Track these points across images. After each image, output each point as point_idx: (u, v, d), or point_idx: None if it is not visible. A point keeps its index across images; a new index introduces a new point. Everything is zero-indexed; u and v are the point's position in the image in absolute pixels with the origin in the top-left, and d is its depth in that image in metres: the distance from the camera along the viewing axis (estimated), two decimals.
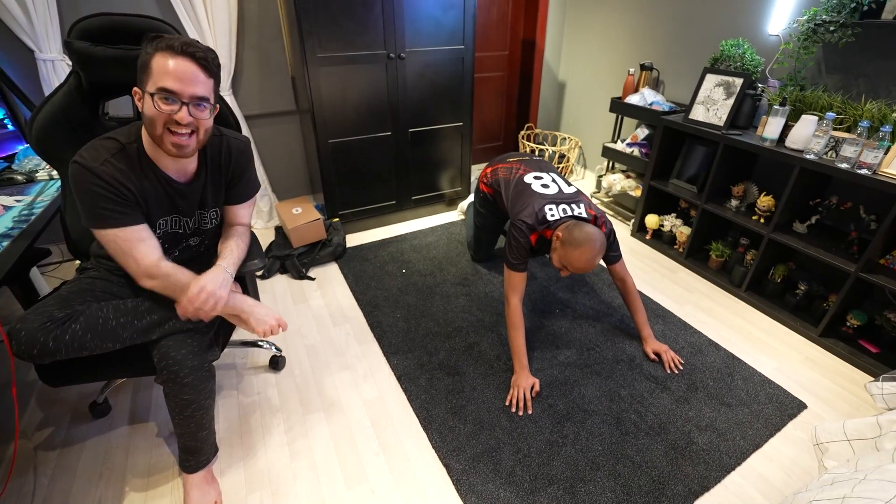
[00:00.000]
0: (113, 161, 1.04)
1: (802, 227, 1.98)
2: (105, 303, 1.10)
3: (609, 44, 3.02)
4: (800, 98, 1.91)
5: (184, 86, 0.99)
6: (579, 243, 1.50)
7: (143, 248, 1.07)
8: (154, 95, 0.98)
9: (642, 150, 2.68)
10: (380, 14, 2.18)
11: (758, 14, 2.17)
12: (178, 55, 0.98)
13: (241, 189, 1.29)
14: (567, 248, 1.53)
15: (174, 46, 0.97)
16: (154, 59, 0.97)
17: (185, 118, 1.01)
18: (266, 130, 2.67)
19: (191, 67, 0.99)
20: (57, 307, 1.04)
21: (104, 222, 1.03)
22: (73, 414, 1.53)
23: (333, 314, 2.05)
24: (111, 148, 1.05)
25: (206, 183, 1.21)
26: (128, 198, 1.05)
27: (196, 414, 1.18)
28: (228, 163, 1.23)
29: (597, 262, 1.54)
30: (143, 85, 0.99)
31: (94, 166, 1.01)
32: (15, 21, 1.89)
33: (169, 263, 1.11)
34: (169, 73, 0.97)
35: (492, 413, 1.56)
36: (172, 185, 1.14)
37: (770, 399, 1.62)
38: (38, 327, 0.99)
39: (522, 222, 1.64)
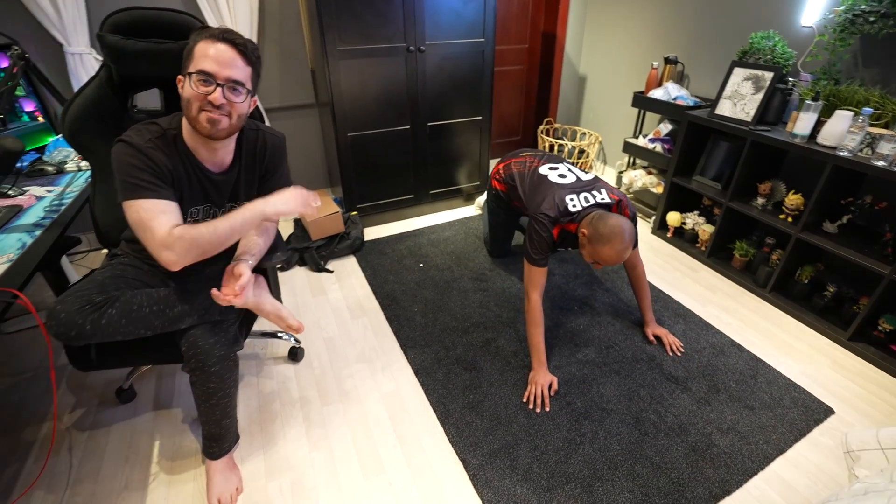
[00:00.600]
0: (155, 141, 1.08)
1: (833, 227, 1.91)
2: (139, 290, 1.13)
3: (632, 36, 2.96)
4: (834, 92, 1.84)
5: (220, 68, 1.02)
6: (607, 238, 1.46)
7: (163, 219, 1.03)
8: (192, 75, 1.02)
9: (665, 146, 2.62)
10: (400, 6, 2.17)
11: (790, 4, 2.09)
12: (218, 41, 1.03)
13: (274, 184, 1.30)
14: (596, 245, 1.50)
15: (216, 34, 1.03)
16: (197, 46, 1.03)
17: (219, 99, 1.03)
18: (286, 123, 2.69)
19: (229, 52, 1.03)
20: (95, 292, 1.07)
21: (135, 192, 1.03)
22: (101, 398, 1.57)
23: (351, 307, 2.06)
24: (154, 131, 1.10)
25: (240, 175, 1.23)
26: (164, 175, 1.07)
27: (221, 402, 1.21)
28: (263, 157, 1.25)
29: (629, 252, 1.50)
30: (185, 70, 1.04)
31: (139, 142, 1.05)
32: (45, 15, 1.94)
33: (181, 227, 1.03)
34: (208, 56, 1.02)
35: (509, 409, 1.56)
36: (207, 174, 1.16)
37: (795, 403, 1.58)
38: (77, 310, 1.01)
39: (544, 215, 1.61)
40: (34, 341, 1.81)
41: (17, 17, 1.95)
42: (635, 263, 1.80)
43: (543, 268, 1.64)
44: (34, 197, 1.39)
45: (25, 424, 1.47)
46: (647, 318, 1.87)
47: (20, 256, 1.09)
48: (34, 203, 1.35)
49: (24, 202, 1.34)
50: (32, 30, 1.98)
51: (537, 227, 1.61)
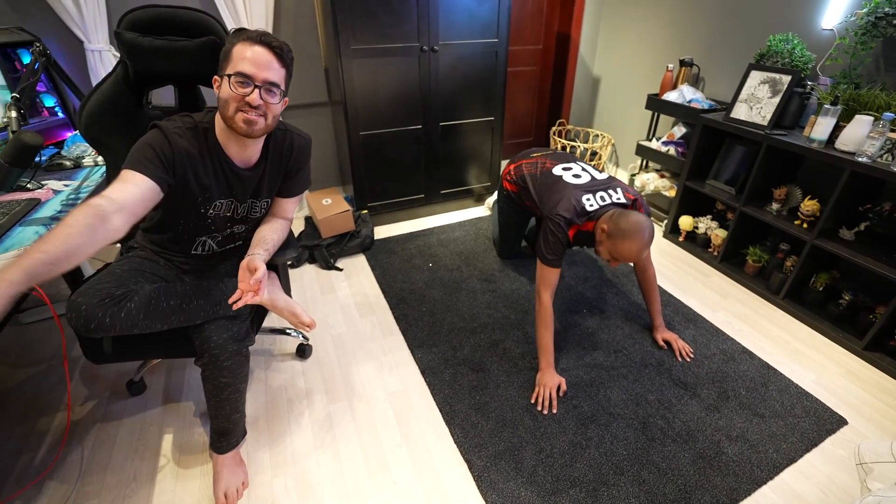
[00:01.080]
0: (186, 132, 1.12)
1: (850, 234, 1.88)
2: (157, 285, 1.14)
3: (647, 38, 2.93)
4: (854, 97, 1.80)
5: (258, 70, 1.05)
6: (628, 234, 1.45)
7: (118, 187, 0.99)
8: (231, 77, 1.04)
9: (678, 150, 2.59)
10: (414, 6, 2.17)
11: (810, 7, 2.05)
12: (255, 44, 1.05)
13: (294, 184, 1.33)
14: (615, 241, 1.48)
15: (253, 37, 1.06)
16: (235, 48, 1.05)
17: (256, 100, 1.06)
18: (298, 121, 2.70)
19: (266, 55, 1.06)
20: (114, 285, 1.08)
21: (128, 163, 1.04)
22: (112, 390, 1.60)
23: (360, 305, 2.07)
24: (187, 122, 1.15)
25: (265, 173, 1.25)
26: (168, 161, 1.08)
27: (232, 397, 1.22)
28: (289, 157, 1.27)
29: (648, 249, 1.48)
30: (222, 71, 1.07)
31: (168, 129, 1.10)
32: (66, 13, 1.97)
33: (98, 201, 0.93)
34: (246, 58, 1.04)
35: (515, 411, 1.55)
36: (234, 169, 1.18)
37: (807, 412, 1.56)
38: (97, 303, 1.03)
39: (560, 216, 1.59)
40: (48, 333, 1.85)
41: (39, 13, 1.98)
42: (646, 266, 1.78)
43: (557, 269, 1.63)
44: (52, 191, 1.41)
45: (39, 415, 1.50)
46: (657, 323, 1.85)
47: None
48: (52, 197, 1.38)
49: (42, 195, 1.36)
50: (54, 26, 2.02)
51: (552, 227, 1.60)
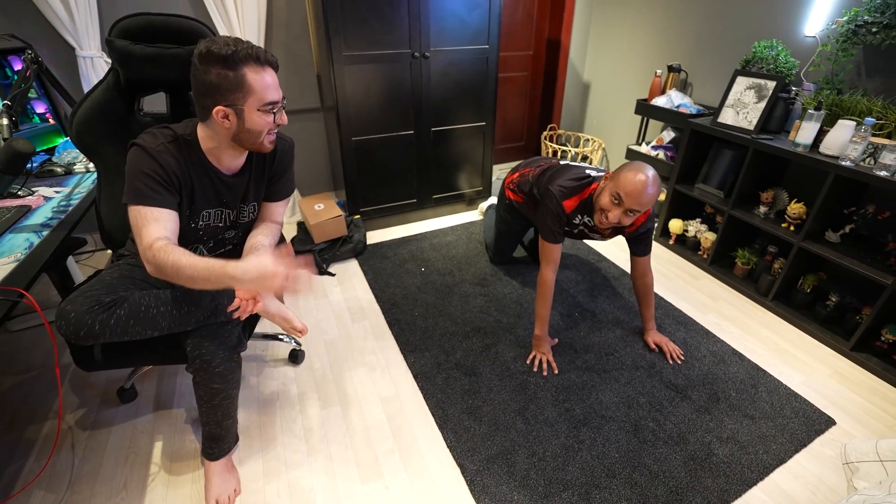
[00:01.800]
0: (168, 146, 1.10)
1: (835, 237, 1.91)
2: (147, 291, 1.14)
3: (636, 44, 2.97)
4: (836, 102, 1.84)
5: (279, 93, 1.09)
6: (633, 168, 1.46)
7: (152, 227, 1.03)
8: (260, 110, 1.05)
9: (667, 154, 2.62)
10: (406, 13, 2.19)
11: (793, 15, 2.10)
12: (265, 66, 1.04)
13: (280, 187, 1.33)
14: (619, 173, 1.49)
15: (259, 58, 1.03)
16: (248, 76, 1.02)
17: (286, 119, 1.12)
18: (291, 127, 2.71)
19: (272, 74, 1.07)
20: (104, 292, 1.08)
21: (137, 197, 1.05)
22: (103, 398, 1.58)
23: (352, 310, 2.07)
24: (168, 135, 1.12)
25: (251, 177, 1.25)
26: (169, 181, 1.08)
27: (223, 403, 1.22)
28: (273, 160, 1.27)
29: (650, 195, 1.44)
30: (241, 103, 1.04)
31: (151, 147, 1.07)
32: (58, 19, 1.97)
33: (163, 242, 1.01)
34: (269, 86, 1.05)
35: (507, 415, 1.56)
36: (220, 177, 1.18)
37: (796, 413, 1.58)
38: (87, 310, 1.02)
39: (558, 188, 1.64)
40: (37, 340, 1.83)
41: (30, 20, 1.98)
42: (645, 271, 1.79)
43: (558, 244, 1.68)
44: (42, 197, 1.41)
45: (27, 423, 1.49)
46: (649, 326, 1.87)
47: (27, 256, 1.11)
48: (42, 203, 1.38)
49: (33, 202, 1.36)
50: (45, 33, 2.02)
51: (547, 201, 1.66)
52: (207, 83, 1.01)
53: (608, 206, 1.51)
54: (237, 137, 1.10)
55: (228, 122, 1.06)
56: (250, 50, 1.01)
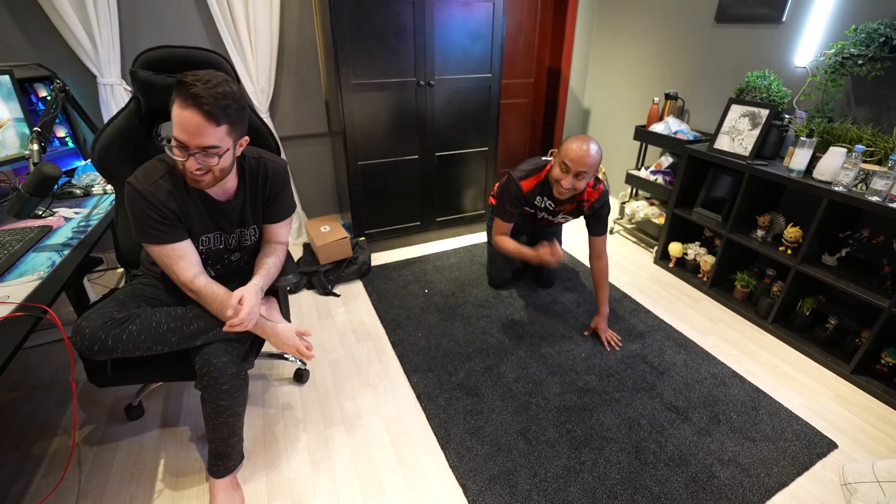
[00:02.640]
0: (161, 182, 1.13)
1: (832, 260, 1.94)
2: (157, 308, 1.19)
3: (634, 73, 3.07)
4: (828, 129, 1.91)
5: (190, 137, 1.02)
6: (573, 138, 1.72)
7: (182, 265, 1.17)
8: (169, 142, 1.06)
9: (666, 178, 2.68)
10: (411, 44, 2.30)
11: (784, 46, 2.19)
12: (186, 106, 1.00)
13: (278, 209, 1.37)
14: (562, 146, 1.75)
15: (185, 95, 1.00)
16: (173, 108, 1.03)
17: (193, 166, 1.06)
18: (299, 151, 2.80)
19: (196, 119, 1.01)
20: (116, 309, 1.13)
21: (150, 238, 1.14)
22: (111, 415, 1.61)
23: (357, 331, 2.10)
24: (160, 170, 1.16)
25: (245, 202, 1.29)
26: (170, 217, 1.14)
27: (230, 420, 1.24)
28: (265, 183, 1.31)
29: (592, 157, 1.69)
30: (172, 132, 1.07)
31: (144, 188, 1.11)
32: (82, 49, 2.08)
33: (203, 280, 1.19)
34: (178, 123, 1.02)
35: (509, 435, 1.57)
36: (214, 203, 1.23)
37: (797, 436, 1.58)
38: (100, 326, 1.07)
39: (517, 171, 1.90)
40: (48, 357, 1.87)
41: (56, 50, 2.09)
42: (600, 253, 1.97)
43: (509, 224, 1.96)
44: (63, 218, 1.47)
45: (36, 439, 1.51)
46: (602, 311, 2.03)
47: (50, 274, 1.16)
48: (63, 224, 1.44)
49: (54, 223, 1.42)
50: (69, 61, 2.12)
51: (506, 184, 1.91)
52: None
53: (559, 174, 1.75)
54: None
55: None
56: (191, 88, 0.99)
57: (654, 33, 2.85)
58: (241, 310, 1.15)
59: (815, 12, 2.04)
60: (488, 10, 2.40)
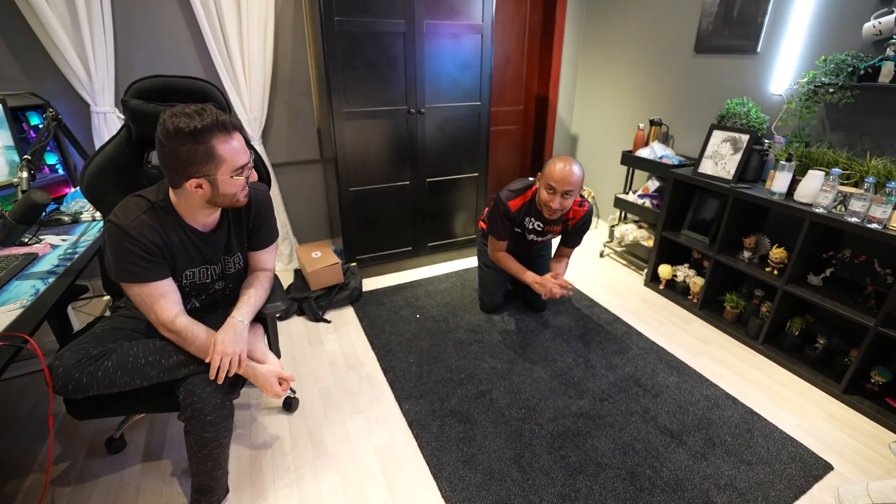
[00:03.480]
0: (143, 217, 1.11)
1: (817, 280, 1.97)
2: (136, 341, 1.16)
3: (619, 100, 3.17)
4: (805, 154, 1.97)
5: (247, 155, 1.14)
6: (555, 160, 1.82)
7: (163, 304, 1.13)
8: (233, 176, 1.10)
9: (653, 202, 2.73)
10: (402, 74, 2.36)
11: (760, 75, 2.28)
12: (232, 132, 1.08)
13: (262, 236, 1.36)
14: (546, 167, 1.84)
15: (225, 126, 1.06)
16: (218, 147, 1.05)
17: (255, 175, 1.22)
18: (291, 177, 2.82)
19: (241, 138, 1.12)
20: (91, 344, 1.11)
21: (131, 277, 1.10)
22: (90, 449, 1.55)
23: (347, 357, 2.07)
24: (142, 205, 1.13)
25: (230, 231, 1.29)
26: (154, 253, 1.11)
27: (214, 452, 1.21)
28: (248, 211, 1.30)
29: (576, 176, 1.79)
30: (213, 172, 1.07)
31: (126, 224, 1.07)
32: (77, 78, 2.10)
33: (184, 321, 1.15)
34: (238, 152, 1.09)
35: (503, 463, 1.53)
36: (198, 235, 1.21)
37: (793, 458, 1.57)
38: (74, 364, 1.05)
39: (505, 191, 1.99)
40: (27, 388, 1.81)
41: (51, 78, 2.11)
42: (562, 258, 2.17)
43: (503, 241, 2.08)
44: (49, 245, 1.45)
45: (10, 476, 1.45)
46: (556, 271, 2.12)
47: (33, 302, 1.14)
48: (49, 251, 1.42)
49: (40, 250, 1.40)
50: (63, 90, 2.15)
51: (496, 204, 2.01)
52: (177, 158, 1.03)
53: (547, 197, 1.82)
54: (212, 201, 1.13)
55: (202, 190, 1.08)
56: (215, 120, 1.03)
57: (638, 63, 2.96)
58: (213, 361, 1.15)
59: (786, 43, 2.14)
60: (477, 42, 2.48)
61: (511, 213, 1.97)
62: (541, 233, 2.06)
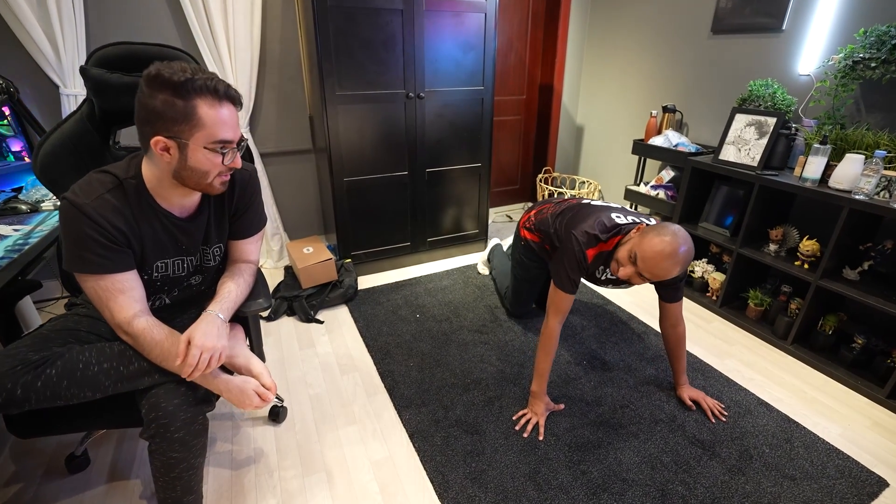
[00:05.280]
0: (107, 197, 0.94)
1: (854, 274, 1.81)
2: (88, 345, 0.98)
3: (628, 87, 3.01)
4: (841, 136, 1.81)
5: (235, 132, 0.97)
6: (662, 233, 1.27)
7: (121, 301, 0.96)
8: (207, 148, 0.93)
9: (668, 193, 2.57)
10: (400, 54, 2.18)
11: (786, 55, 2.12)
12: (223, 100, 0.93)
13: (247, 222, 1.19)
14: (644, 237, 1.30)
15: (217, 90, 0.91)
16: (200, 108, 0.90)
17: (240, 162, 1.02)
18: (281, 168, 2.64)
19: (234, 112, 0.96)
20: (32, 348, 0.92)
21: (87, 267, 0.93)
22: (48, 468, 1.37)
23: (341, 361, 1.90)
24: (107, 182, 0.95)
25: (211, 216, 1.12)
26: (117, 240, 0.94)
27: (184, 475, 1.02)
28: (232, 193, 1.14)
29: (666, 270, 1.27)
30: (185, 136, 0.91)
31: (85, 203, 0.90)
32: (44, 57, 1.92)
33: (143, 323, 0.97)
34: (223, 122, 0.93)
35: (516, 480, 1.36)
36: (174, 221, 1.04)
37: (841, 473, 1.40)
38: (7, 371, 0.86)
39: (583, 233, 1.46)
40: None
41: (15, 58, 1.93)
42: (676, 321, 1.61)
43: (572, 294, 1.49)
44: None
45: None
46: (682, 381, 1.69)
47: None
48: None
49: None
50: (30, 71, 1.96)
51: (569, 244, 1.47)
52: (151, 109, 0.88)
53: (623, 260, 1.38)
54: (178, 175, 0.96)
55: (168, 155, 0.92)
56: (209, 81, 0.90)
57: (649, 47, 2.80)
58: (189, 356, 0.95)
59: (816, 18, 1.98)
60: (480, 21, 2.31)
61: (586, 264, 1.49)
62: (616, 283, 1.64)
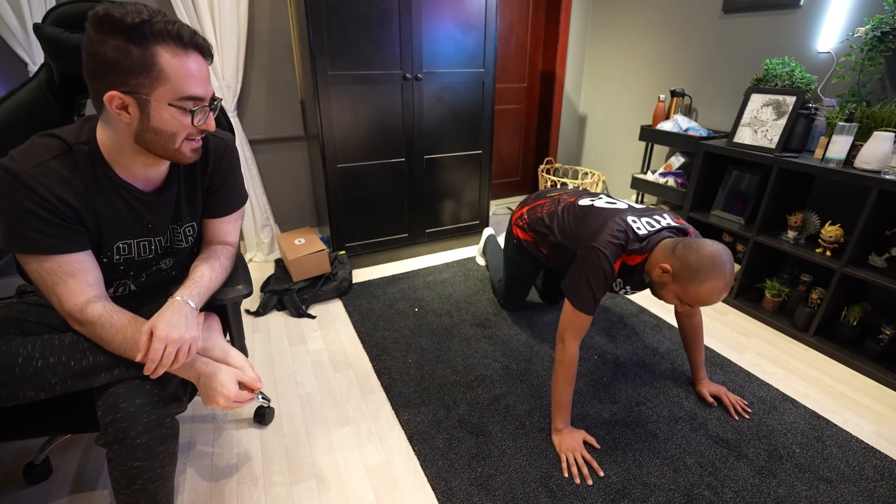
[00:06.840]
0: (52, 164, 0.79)
1: (881, 261, 1.70)
2: (33, 337, 0.84)
3: (634, 72, 2.89)
4: (867, 114, 1.69)
5: (206, 88, 0.84)
6: (704, 271, 1.10)
7: (71, 286, 0.82)
8: (173, 105, 0.80)
9: (678, 180, 2.45)
10: (396, 31, 2.05)
11: (803, 32, 2.01)
12: (189, 49, 0.79)
13: (224, 198, 1.06)
14: (687, 284, 1.13)
15: (182, 37, 0.78)
16: (161, 57, 0.76)
17: (213, 124, 0.88)
18: (271, 157, 2.51)
19: (204, 64, 0.83)
20: None
21: (25, 246, 0.79)
22: (3, 478, 1.22)
23: (334, 358, 1.76)
24: (53, 148, 0.81)
25: (180, 191, 0.98)
26: (64, 215, 0.80)
27: (149, 486, 0.89)
28: (206, 164, 1.00)
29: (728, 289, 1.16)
30: (145, 90, 0.77)
31: (22, 171, 0.76)
32: (10, 33, 1.78)
33: (99, 308, 0.84)
34: (190, 75, 0.79)
35: (527, 485, 1.23)
36: (137, 195, 0.90)
37: (881, 474, 1.28)
38: None
39: (607, 244, 1.25)
40: None
41: None
42: (693, 311, 1.49)
43: (591, 315, 1.29)
44: None
45: None
46: (700, 376, 1.57)
47: None
48: None
49: None
50: None
51: (594, 259, 1.25)
52: (101, 58, 0.74)
53: (671, 301, 1.23)
54: (140, 138, 0.81)
55: (127, 115, 0.78)
56: (170, 25, 0.76)
57: (656, 29, 2.68)
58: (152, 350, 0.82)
59: None
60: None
61: (615, 279, 1.35)
62: (629, 292, 1.49)
